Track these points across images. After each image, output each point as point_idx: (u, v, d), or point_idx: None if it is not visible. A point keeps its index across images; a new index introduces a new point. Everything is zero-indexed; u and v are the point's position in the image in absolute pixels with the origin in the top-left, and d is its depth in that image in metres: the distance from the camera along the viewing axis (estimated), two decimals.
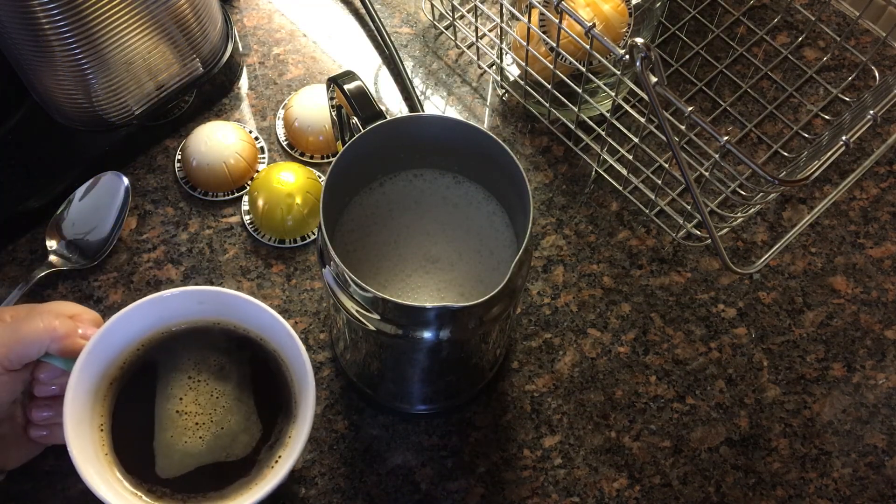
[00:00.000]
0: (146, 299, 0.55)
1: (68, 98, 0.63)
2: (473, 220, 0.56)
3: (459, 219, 0.55)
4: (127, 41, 0.61)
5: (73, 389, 0.52)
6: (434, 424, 0.62)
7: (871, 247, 0.68)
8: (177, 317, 0.57)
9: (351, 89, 0.53)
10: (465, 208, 0.56)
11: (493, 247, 0.55)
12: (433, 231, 0.55)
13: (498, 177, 0.54)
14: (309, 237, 0.67)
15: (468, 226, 0.55)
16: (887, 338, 0.65)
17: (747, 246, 0.68)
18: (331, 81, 0.54)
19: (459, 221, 0.55)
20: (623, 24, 0.63)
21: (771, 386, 0.63)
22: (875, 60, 0.75)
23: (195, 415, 0.55)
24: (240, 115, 0.72)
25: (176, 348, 0.57)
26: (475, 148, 0.52)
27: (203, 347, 0.57)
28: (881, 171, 0.71)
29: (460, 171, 0.56)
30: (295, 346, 0.54)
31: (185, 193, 0.69)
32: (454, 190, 0.56)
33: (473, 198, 0.56)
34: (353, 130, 0.55)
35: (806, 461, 0.61)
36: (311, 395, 0.53)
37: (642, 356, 0.64)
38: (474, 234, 0.55)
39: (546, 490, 0.60)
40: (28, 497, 0.59)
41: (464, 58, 0.76)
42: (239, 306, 0.56)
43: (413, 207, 0.56)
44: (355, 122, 0.53)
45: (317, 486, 0.60)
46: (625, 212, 0.69)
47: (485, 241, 0.55)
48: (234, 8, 0.77)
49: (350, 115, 0.54)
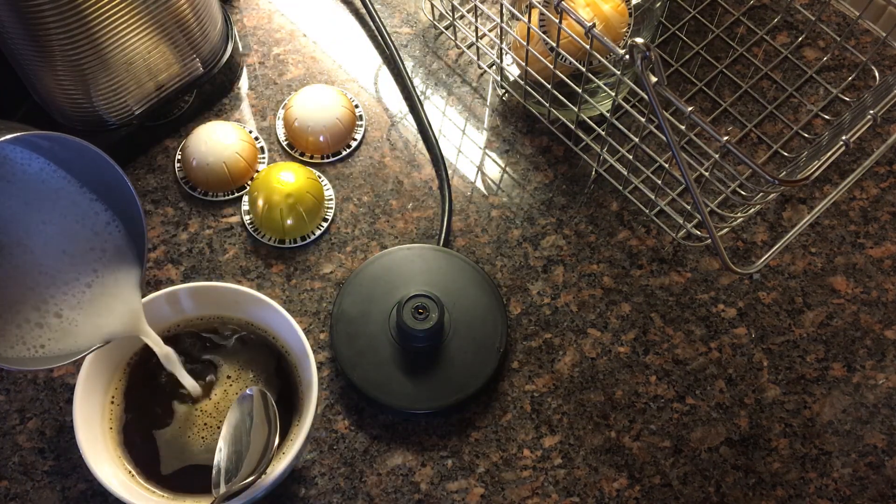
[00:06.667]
0: (188, 285, 0.57)
1: (68, 98, 0.63)
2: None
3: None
4: (127, 41, 0.61)
5: (91, 360, 0.54)
6: (434, 424, 0.62)
7: (871, 247, 0.68)
8: (210, 309, 0.59)
9: None
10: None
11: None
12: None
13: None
14: (309, 237, 0.67)
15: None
16: (887, 338, 0.65)
17: (747, 246, 0.68)
18: None
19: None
20: (623, 24, 0.63)
21: (771, 386, 0.63)
22: (875, 60, 0.75)
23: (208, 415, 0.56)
24: (240, 115, 0.72)
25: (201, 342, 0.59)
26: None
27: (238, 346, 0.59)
28: (881, 171, 0.71)
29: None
30: (303, 346, 0.55)
31: (185, 193, 0.69)
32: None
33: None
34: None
35: (806, 461, 0.61)
36: (313, 396, 0.54)
37: (642, 356, 0.64)
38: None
39: (546, 490, 0.60)
40: (28, 497, 0.59)
41: (464, 58, 0.76)
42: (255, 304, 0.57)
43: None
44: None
45: (317, 486, 0.60)
46: (625, 212, 0.69)
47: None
48: (234, 8, 0.77)
49: None
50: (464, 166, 0.71)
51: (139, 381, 0.57)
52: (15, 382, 0.62)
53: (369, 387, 0.61)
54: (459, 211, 0.69)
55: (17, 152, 0.51)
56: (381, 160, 0.71)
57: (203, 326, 0.58)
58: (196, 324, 0.58)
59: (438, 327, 0.60)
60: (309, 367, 0.54)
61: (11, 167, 0.51)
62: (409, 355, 0.62)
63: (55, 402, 0.61)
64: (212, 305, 0.58)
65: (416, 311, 0.60)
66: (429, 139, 0.71)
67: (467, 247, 0.67)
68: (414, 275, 0.64)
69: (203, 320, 0.59)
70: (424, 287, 0.63)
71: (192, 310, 0.58)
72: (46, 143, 0.50)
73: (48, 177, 0.52)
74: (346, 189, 0.69)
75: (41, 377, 0.62)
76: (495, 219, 0.69)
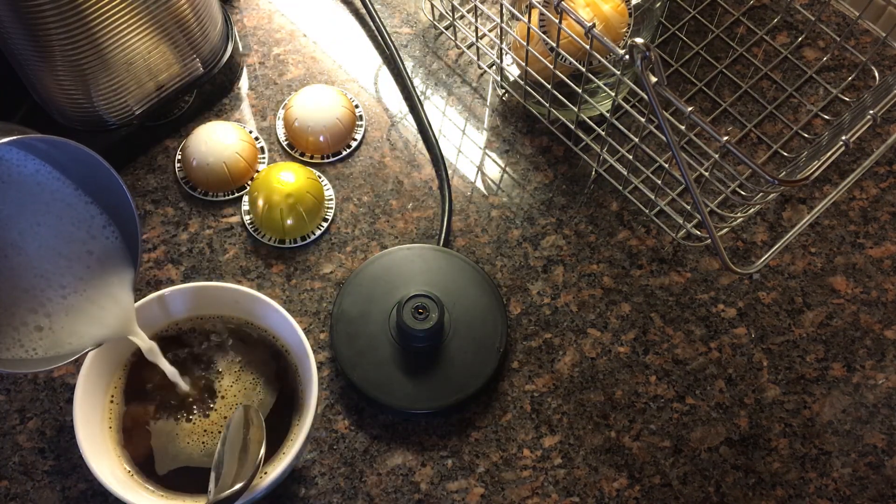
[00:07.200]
0: (188, 285, 0.57)
1: (68, 98, 0.63)
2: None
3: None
4: (127, 41, 0.61)
5: (93, 355, 0.54)
6: (434, 424, 0.62)
7: (871, 247, 0.68)
8: (211, 309, 0.59)
9: None
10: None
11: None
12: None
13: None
14: (309, 237, 0.67)
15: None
16: (887, 338, 0.65)
17: (747, 246, 0.68)
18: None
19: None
20: (623, 24, 0.63)
21: (771, 386, 0.63)
22: (875, 60, 0.75)
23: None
24: (240, 115, 0.72)
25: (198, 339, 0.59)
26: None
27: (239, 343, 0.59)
28: (881, 171, 0.71)
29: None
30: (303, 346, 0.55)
31: (185, 193, 0.69)
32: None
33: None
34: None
35: (806, 461, 0.61)
36: (313, 396, 0.54)
37: (642, 356, 0.64)
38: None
39: (546, 490, 0.60)
40: (28, 497, 0.59)
41: (464, 58, 0.76)
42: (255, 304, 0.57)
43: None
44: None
45: (317, 486, 0.60)
46: (625, 212, 0.69)
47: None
48: (234, 8, 0.77)
49: None
50: (464, 166, 0.71)
51: (139, 380, 0.57)
52: (15, 382, 0.62)
53: (369, 387, 0.61)
54: (459, 211, 0.69)
55: (13, 153, 0.51)
56: (381, 160, 0.71)
57: (203, 326, 0.58)
58: (196, 324, 0.58)
59: (438, 327, 0.60)
60: (309, 367, 0.54)
61: (7, 168, 0.51)
62: (409, 355, 0.62)
63: (55, 401, 0.61)
64: (212, 305, 0.58)
65: (416, 311, 0.60)
66: (429, 139, 0.71)
67: (467, 247, 0.67)
68: (414, 275, 0.64)
69: (203, 320, 0.59)
70: (424, 287, 0.63)
71: (193, 310, 0.58)
72: (42, 145, 0.50)
73: (43, 179, 0.52)
74: (346, 189, 0.69)
75: (41, 377, 0.62)
76: (495, 219, 0.69)
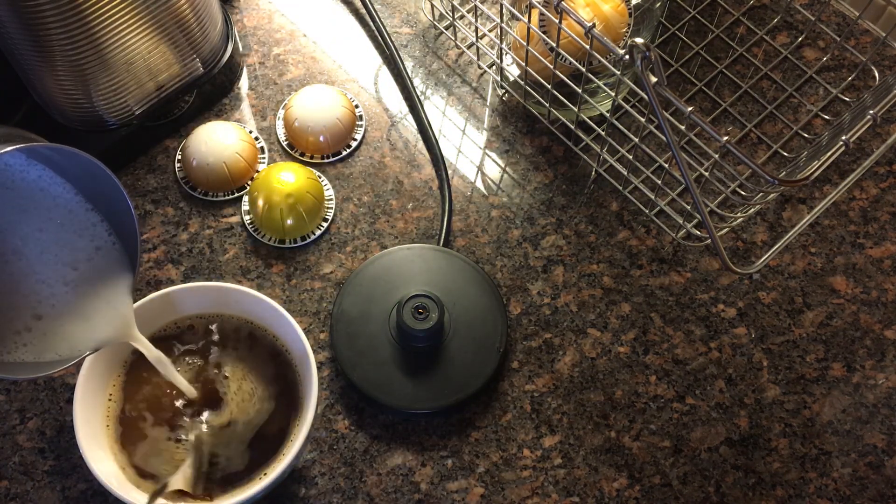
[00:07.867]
0: (184, 286, 0.58)
1: (68, 98, 0.63)
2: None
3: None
4: (127, 41, 0.61)
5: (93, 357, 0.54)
6: (434, 424, 0.62)
7: (871, 247, 0.68)
8: (211, 309, 0.59)
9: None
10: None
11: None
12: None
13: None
14: (309, 237, 0.67)
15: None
16: (887, 338, 0.65)
17: (747, 246, 0.68)
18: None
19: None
20: (623, 24, 0.63)
21: (771, 386, 0.63)
22: (875, 60, 0.75)
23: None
24: (240, 115, 0.72)
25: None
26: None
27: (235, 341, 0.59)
28: (881, 171, 0.71)
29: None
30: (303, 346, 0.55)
31: (185, 193, 0.69)
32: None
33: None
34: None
35: (806, 461, 0.61)
36: (313, 396, 0.54)
37: (642, 356, 0.64)
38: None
39: (546, 490, 0.60)
40: (28, 497, 0.59)
41: (464, 58, 0.76)
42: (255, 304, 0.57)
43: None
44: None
45: (317, 486, 0.60)
46: (625, 212, 0.69)
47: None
48: (234, 8, 0.77)
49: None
50: (464, 166, 0.71)
51: (138, 379, 0.57)
52: (15, 383, 0.62)
53: (369, 387, 0.61)
54: (459, 211, 0.69)
55: (17, 159, 0.51)
56: (381, 160, 0.71)
57: (203, 327, 0.58)
58: (196, 324, 0.58)
59: (438, 327, 0.60)
60: (309, 367, 0.54)
61: (10, 174, 0.51)
62: (409, 355, 0.62)
63: (55, 401, 0.61)
64: (212, 305, 0.58)
65: (416, 311, 0.60)
66: (429, 139, 0.71)
67: (467, 247, 0.67)
68: (414, 275, 0.64)
69: (203, 320, 0.59)
70: (424, 287, 0.63)
71: (192, 310, 0.58)
72: (46, 151, 0.50)
73: (46, 185, 0.52)
74: (346, 189, 0.69)
75: (41, 377, 0.62)
76: (495, 219, 0.69)
